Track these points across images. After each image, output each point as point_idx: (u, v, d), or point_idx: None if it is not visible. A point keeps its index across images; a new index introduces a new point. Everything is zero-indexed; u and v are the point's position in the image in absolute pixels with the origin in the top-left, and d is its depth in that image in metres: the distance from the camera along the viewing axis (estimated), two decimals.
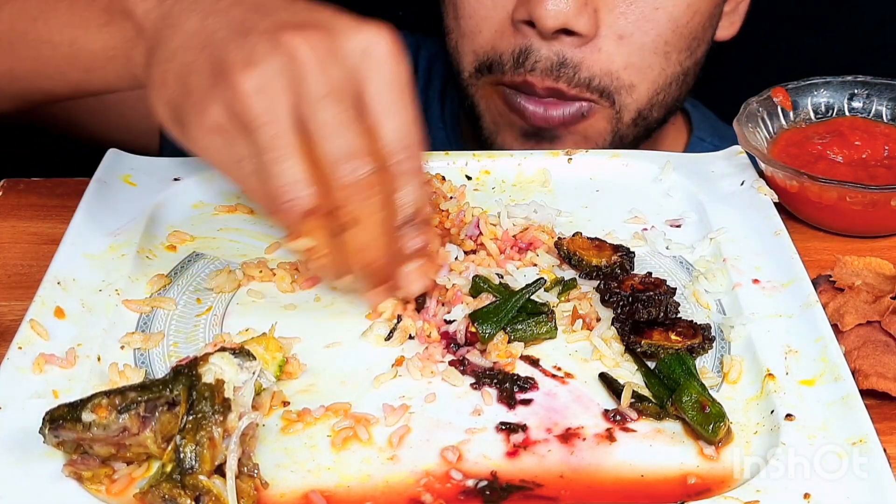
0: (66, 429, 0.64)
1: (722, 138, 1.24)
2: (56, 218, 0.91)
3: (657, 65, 1.05)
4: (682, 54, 1.06)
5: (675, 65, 1.07)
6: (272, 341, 0.73)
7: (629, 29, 1.02)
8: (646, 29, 1.03)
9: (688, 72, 1.09)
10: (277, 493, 0.65)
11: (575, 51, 1.02)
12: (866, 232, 0.92)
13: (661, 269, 0.85)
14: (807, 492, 0.63)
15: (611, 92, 1.04)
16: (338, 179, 0.71)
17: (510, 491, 0.65)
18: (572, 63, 1.02)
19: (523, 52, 1.03)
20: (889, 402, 0.73)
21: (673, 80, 1.08)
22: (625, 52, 1.03)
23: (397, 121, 0.73)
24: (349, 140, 0.71)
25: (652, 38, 1.03)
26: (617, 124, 1.07)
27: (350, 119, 0.72)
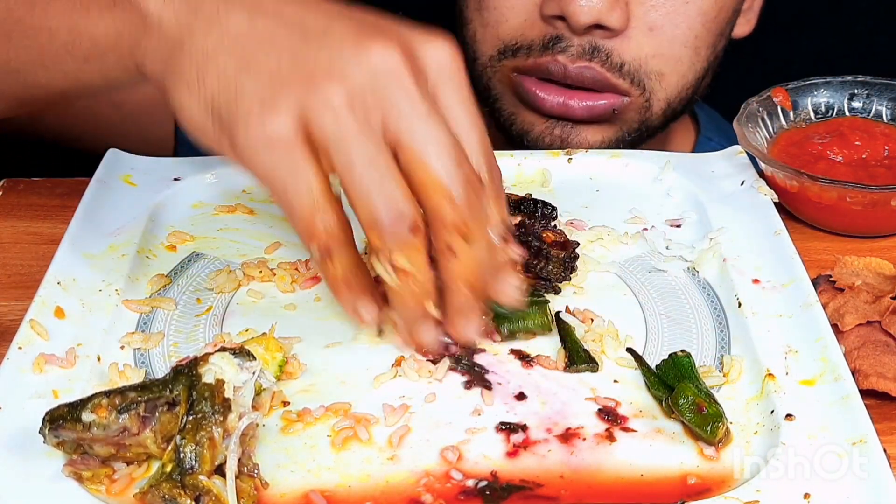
0: (66, 429, 0.64)
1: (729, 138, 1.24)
2: (56, 218, 0.91)
3: (687, 58, 1.05)
4: (709, 49, 1.07)
5: (703, 60, 1.07)
6: (272, 341, 0.73)
7: (660, 21, 1.02)
8: (676, 22, 1.03)
9: (710, 66, 1.09)
10: (277, 493, 0.65)
11: (606, 41, 1.01)
12: (866, 232, 0.92)
13: (661, 268, 0.85)
14: (807, 492, 0.63)
15: (641, 79, 1.03)
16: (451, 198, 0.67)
17: (510, 491, 0.65)
18: (605, 49, 1.02)
19: (553, 38, 1.02)
20: (889, 402, 0.73)
21: (702, 75, 1.08)
22: (655, 43, 1.03)
23: (477, 137, 0.71)
24: (459, 160, 0.68)
25: (683, 31, 1.03)
26: (646, 113, 1.06)
27: (453, 141, 0.68)
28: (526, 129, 1.07)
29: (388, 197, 0.66)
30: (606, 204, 0.93)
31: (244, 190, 0.93)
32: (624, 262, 0.85)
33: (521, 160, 0.96)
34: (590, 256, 0.85)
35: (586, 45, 1.01)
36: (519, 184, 0.95)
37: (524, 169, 0.96)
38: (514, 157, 0.97)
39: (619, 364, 0.75)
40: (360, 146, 0.66)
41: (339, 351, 0.76)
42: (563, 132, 1.05)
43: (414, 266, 0.68)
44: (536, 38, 1.03)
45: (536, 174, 0.96)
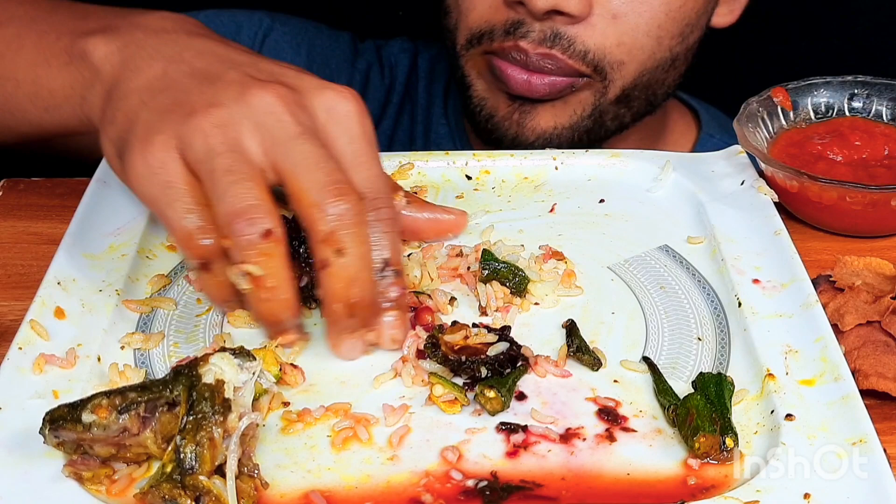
0: (66, 429, 0.64)
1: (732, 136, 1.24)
2: (56, 218, 0.91)
3: (648, 47, 1.06)
4: (673, 39, 1.07)
5: (665, 49, 1.07)
6: (269, 354, 0.73)
7: (623, 9, 1.03)
8: (640, 10, 1.03)
9: (677, 57, 1.09)
10: (277, 493, 0.65)
11: (568, 27, 1.02)
12: (866, 232, 0.92)
13: (661, 269, 0.85)
14: (807, 492, 0.63)
15: (603, 67, 1.04)
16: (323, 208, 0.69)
17: (510, 491, 0.65)
18: (566, 36, 1.02)
19: (514, 24, 1.03)
20: (889, 402, 0.73)
21: (660, 64, 1.08)
22: (618, 31, 1.03)
23: (368, 172, 0.73)
24: (331, 172, 0.70)
25: (646, 20, 1.04)
26: (600, 98, 1.07)
27: (327, 155, 0.71)
28: (492, 113, 1.09)
29: (239, 201, 0.68)
30: (606, 204, 0.92)
31: None
32: (624, 262, 0.85)
33: (521, 160, 0.96)
34: (588, 257, 0.85)
35: (548, 30, 1.02)
36: (519, 184, 0.95)
37: (524, 169, 0.96)
38: (514, 156, 0.97)
39: (619, 364, 0.75)
40: (222, 158, 0.69)
41: None
42: (520, 116, 1.07)
43: (265, 271, 0.70)
44: (499, 23, 1.04)
45: (536, 174, 0.96)
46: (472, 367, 0.72)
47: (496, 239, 0.87)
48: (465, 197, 0.94)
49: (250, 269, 0.69)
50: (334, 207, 0.69)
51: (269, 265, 0.69)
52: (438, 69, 1.30)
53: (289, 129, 0.71)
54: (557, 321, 0.79)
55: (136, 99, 0.74)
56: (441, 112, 1.29)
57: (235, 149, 0.70)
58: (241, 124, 0.70)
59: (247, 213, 0.68)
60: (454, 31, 1.10)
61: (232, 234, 0.69)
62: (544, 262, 0.84)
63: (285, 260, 0.70)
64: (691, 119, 1.29)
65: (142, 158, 0.70)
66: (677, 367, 0.75)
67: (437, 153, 0.97)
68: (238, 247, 0.69)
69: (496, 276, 0.81)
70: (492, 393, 0.71)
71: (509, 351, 0.73)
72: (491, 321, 0.79)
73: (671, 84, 1.13)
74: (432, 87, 1.30)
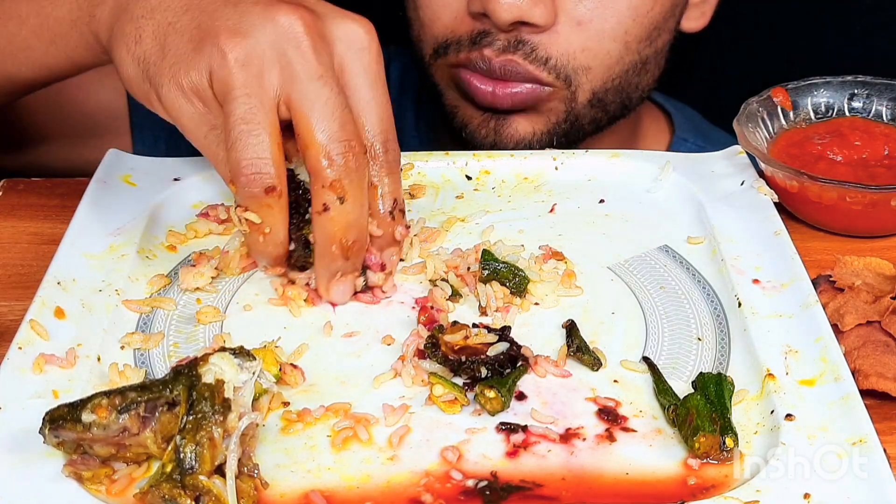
0: (66, 429, 0.64)
1: (706, 139, 1.24)
2: (56, 218, 0.91)
3: (615, 52, 1.05)
4: (641, 43, 1.06)
5: (633, 53, 1.07)
6: (269, 354, 0.73)
7: (588, 15, 1.02)
8: (605, 16, 1.03)
9: (647, 60, 1.09)
10: (277, 493, 0.65)
11: (532, 35, 1.02)
12: (866, 232, 0.92)
13: (661, 269, 0.85)
14: (807, 492, 0.63)
15: (568, 74, 1.04)
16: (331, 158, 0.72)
17: (510, 491, 0.65)
18: (530, 42, 1.02)
19: (480, 34, 1.03)
20: (889, 402, 0.73)
21: (630, 68, 1.07)
22: (583, 37, 1.03)
23: (377, 112, 0.76)
24: (344, 122, 0.73)
25: (612, 25, 1.03)
26: (571, 103, 1.06)
27: (342, 104, 0.73)
28: (465, 122, 1.09)
29: (252, 154, 0.72)
30: (606, 204, 0.93)
31: None
32: (624, 262, 0.85)
33: (521, 160, 0.96)
34: (588, 257, 0.85)
35: (512, 38, 1.02)
36: (519, 184, 0.95)
37: (524, 169, 0.96)
38: (514, 157, 0.97)
39: (619, 364, 0.75)
40: (241, 102, 0.72)
41: (339, 351, 0.76)
42: (496, 124, 1.07)
43: (265, 220, 0.74)
44: (465, 34, 1.04)
45: (536, 174, 0.96)
46: (472, 367, 0.72)
47: (496, 239, 0.87)
48: (464, 197, 0.94)
49: (250, 216, 0.74)
50: (342, 159, 0.73)
51: (269, 216, 0.75)
52: (408, 79, 1.30)
53: (310, 68, 0.72)
54: (557, 321, 0.79)
55: (159, 19, 0.75)
56: (412, 125, 1.29)
57: (253, 90, 0.72)
58: (264, 55, 0.72)
59: (253, 166, 0.72)
60: (419, 42, 1.10)
61: (238, 183, 0.73)
62: (544, 262, 0.84)
63: (285, 212, 0.75)
64: (664, 122, 1.28)
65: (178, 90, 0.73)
66: (677, 367, 0.75)
67: (436, 153, 0.97)
68: (241, 197, 0.74)
69: (496, 276, 0.81)
70: (492, 393, 0.71)
71: (509, 351, 0.73)
72: (491, 321, 0.79)
73: (645, 87, 1.12)
74: (402, 98, 1.30)
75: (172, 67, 0.73)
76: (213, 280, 0.83)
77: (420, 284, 0.82)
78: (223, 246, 0.84)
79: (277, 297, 0.81)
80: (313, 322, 0.79)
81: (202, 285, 0.81)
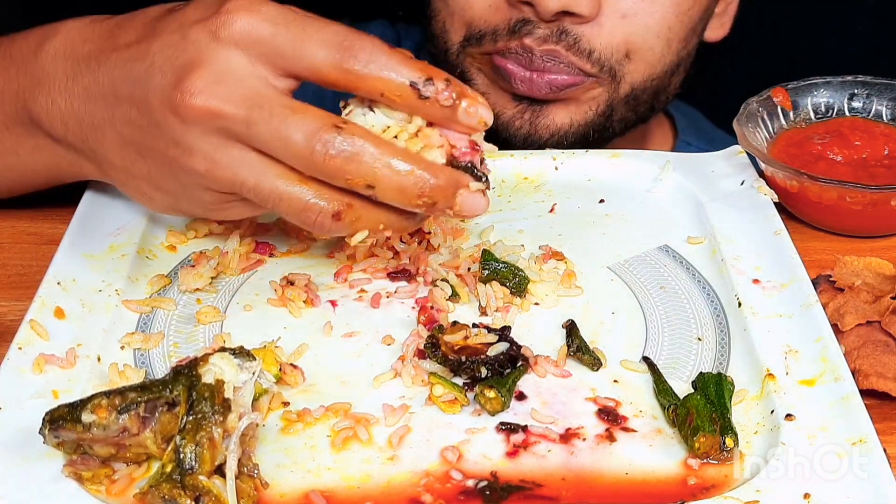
0: (66, 429, 0.64)
1: (709, 141, 1.24)
2: (56, 218, 0.91)
3: (658, 49, 1.04)
4: (680, 43, 1.06)
5: (673, 53, 1.06)
6: (269, 354, 0.73)
7: (633, 9, 1.01)
8: (650, 10, 1.02)
9: (681, 62, 1.09)
10: (277, 493, 0.65)
11: (575, 26, 1.01)
12: (866, 232, 0.92)
13: (661, 269, 0.85)
14: (807, 492, 0.63)
15: (612, 66, 1.03)
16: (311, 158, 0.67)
17: (510, 491, 0.65)
18: (573, 33, 1.01)
19: (520, 22, 1.01)
20: (889, 402, 0.73)
21: (669, 68, 1.07)
22: (626, 31, 1.02)
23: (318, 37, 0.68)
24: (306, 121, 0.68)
25: (656, 20, 1.03)
26: (612, 94, 1.05)
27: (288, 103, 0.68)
28: (497, 112, 1.05)
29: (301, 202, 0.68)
30: (606, 204, 0.92)
31: None
32: (624, 262, 0.85)
33: (521, 160, 0.96)
34: (588, 257, 0.85)
35: (554, 28, 1.00)
36: (519, 184, 0.95)
37: (524, 169, 0.96)
38: (514, 157, 0.97)
39: (619, 364, 0.75)
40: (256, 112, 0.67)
41: (339, 351, 0.76)
42: (532, 115, 1.05)
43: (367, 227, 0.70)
44: (502, 22, 1.02)
45: (536, 174, 0.96)
46: (472, 367, 0.72)
47: (496, 239, 0.87)
48: None
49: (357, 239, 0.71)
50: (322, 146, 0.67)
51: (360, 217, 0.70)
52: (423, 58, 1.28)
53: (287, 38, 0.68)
54: (557, 321, 0.79)
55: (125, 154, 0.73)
56: None
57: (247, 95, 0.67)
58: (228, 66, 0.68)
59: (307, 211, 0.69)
60: (443, 33, 1.08)
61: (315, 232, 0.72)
62: (544, 262, 0.84)
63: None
64: (668, 126, 1.28)
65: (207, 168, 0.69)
66: (677, 367, 0.75)
67: None
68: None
69: (496, 276, 0.81)
70: (492, 393, 0.71)
71: (509, 351, 0.73)
72: (491, 321, 0.79)
73: (672, 91, 1.12)
74: None
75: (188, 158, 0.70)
76: (213, 280, 0.83)
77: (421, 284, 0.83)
78: (223, 246, 0.84)
79: (277, 297, 0.81)
80: (313, 322, 0.79)
81: (202, 286, 0.81)
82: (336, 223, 0.69)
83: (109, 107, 0.73)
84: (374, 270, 0.84)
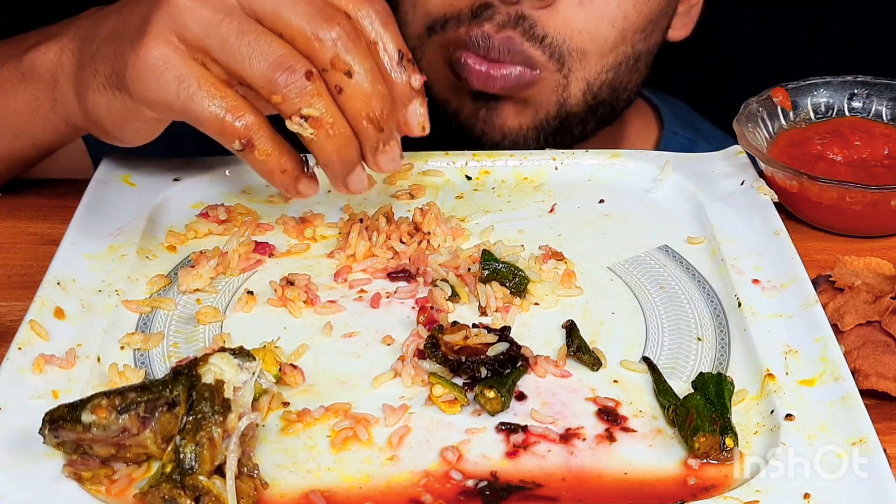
0: (65, 429, 0.64)
1: (696, 131, 1.23)
2: (56, 218, 0.91)
3: (612, 38, 1.04)
4: (637, 35, 1.06)
5: (628, 45, 1.06)
6: (269, 354, 0.73)
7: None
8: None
9: (639, 56, 1.08)
10: (277, 493, 0.65)
11: (533, 11, 1.01)
12: (866, 232, 0.92)
13: (661, 269, 0.85)
14: (807, 492, 0.63)
15: (562, 54, 1.03)
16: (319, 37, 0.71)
17: (510, 491, 0.65)
18: (531, 18, 1.01)
19: (481, 6, 1.01)
20: (889, 402, 0.73)
21: (623, 61, 1.07)
22: (582, 18, 1.02)
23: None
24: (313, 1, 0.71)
25: (612, 10, 1.03)
26: (563, 94, 1.05)
27: None
28: (456, 112, 1.07)
29: (270, 55, 0.70)
30: (605, 204, 0.93)
31: (244, 190, 0.93)
32: (624, 262, 0.85)
33: (521, 160, 0.96)
34: (588, 257, 0.85)
35: (513, 12, 1.01)
36: (519, 184, 0.95)
37: (524, 169, 0.96)
38: (514, 156, 0.97)
39: (619, 364, 0.75)
40: (226, 25, 0.70)
41: (338, 351, 0.76)
42: (486, 113, 1.06)
43: (323, 110, 0.72)
44: (465, 6, 1.02)
45: (536, 174, 0.96)
46: (472, 367, 0.72)
47: (496, 239, 0.87)
48: (465, 197, 0.94)
49: (309, 112, 0.72)
50: (328, 34, 0.71)
51: (322, 104, 0.72)
52: None
53: None
54: (557, 321, 0.79)
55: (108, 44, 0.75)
56: None
57: (230, 10, 0.71)
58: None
59: (283, 62, 0.70)
60: (407, 24, 1.08)
61: (278, 87, 0.71)
62: (544, 262, 0.84)
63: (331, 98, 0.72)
64: (652, 116, 1.28)
65: (143, 64, 0.71)
66: (677, 367, 0.75)
67: (436, 153, 0.97)
68: (289, 97, 0.71)
69: (496, 276, 0.81)
70: (492, 393, 0.71)
71: (509, 351, 0.73)
72: (491, 321, 0.79)
73: (633, 89, 1.12)
74: None
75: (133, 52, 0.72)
76: (213, 280, 0.83)
77: (420, 284, 0.83)
78: (223, 246, 0.84)
79: (277, 297, 0.81)
80: (313, 322, 0.79)
81: (202, 286, 0.81)
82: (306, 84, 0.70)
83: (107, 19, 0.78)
84: (374, 270, 0.84)
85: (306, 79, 0.71)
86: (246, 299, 0.80)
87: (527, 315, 0.80)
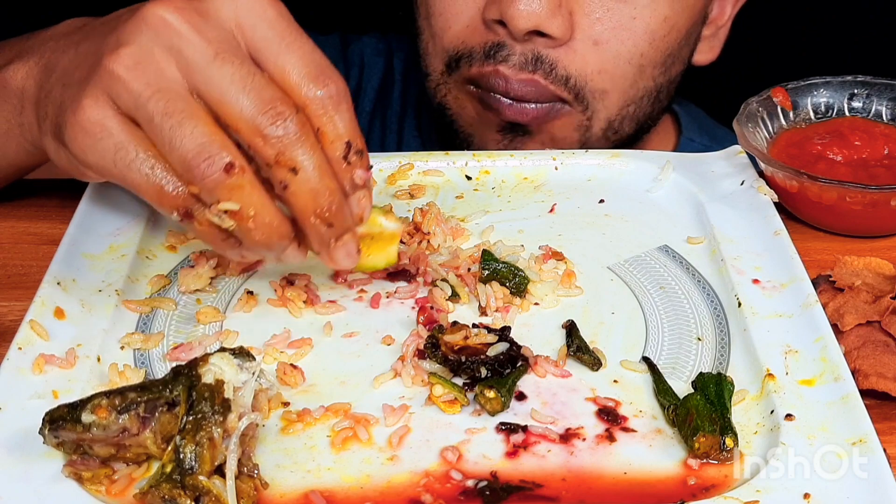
0: (65, 429, 0.64)
1: (712, 137, 1.24)
2: (56, 218, 0.91)
3: (630, 75, 1.04)
4: (656, 69, 1.06)
5: (648, 79, 1.06)
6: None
7: (605, 35, 1.02)
8: (622, 38, 1.02)
9: (661, 88, 1.09)
10: (277, 493, 0.65)
11: (549, 50, 1.01)
12: (866, 232, 0.92)
13: (661, 269, 0.85)
14: (807, 492, 0.63)
15: (585, 95, 1.03)
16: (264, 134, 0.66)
17: (510, 491, 0.65)
18: (548, 59, 1.01)
19: (495, 46, 1.01)
20: (889, 402, 0.73)
21: (645, 95, 1.07)
22: (599, 59, 1.02)
23: (296, 54, 0.68)
24: (261, 91, 0.67)
25: (628, 48, 1.03)
26: (585, 133, 1.06)
27: (251, 72, 0.67)
28: (480, 147, 1.07)
29: (190, 142, 0.66)
30: (606, 204, 0.93)
31: None
32: (624, 262, 0.85)
33: (521, 160, 0.96)
34: (588, 257, 0.85)
35: (529, 54, 1.01)
36: (519, 184, 0.95)
37: (524, 169, 0.96)
38: (514, 157, 0.97)
39: (619, 364, 0.75)
40: (153, 104, 0.66)
41: (339, 351, 0.76)
42: (511, 144, 1.06)
43: (243, 203, 0.67)
44: (478, 44, 1.02)
45: (536, 174, 0.96)
46: (472, 367, 0.72)
47: (496, 239, 0.87)
48: (464, 197, 0.94)
49: (226, 206, 0.67)
50: (273, 129, 0.67)
51: (243, 196, 0.67)
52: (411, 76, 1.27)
53: (202, 51, 0.67)
54: (557, 321, 0.79)
55: (57, 87, 0.73)
56: (413, 125, 1.27)
57: (160, 87, 0.67)
58: (152, 54, 0.67)
59: (201, 153, 0.66)
60: (429, 55, 1.08)
61: (195, 178, 0.66)
62: (544, 262, 0.84)
63: (257, 185, 0.68)
64: (671, 123, 1.28)
65: (80, 128, 0.68)
66: (677, 367, 0.75)
67: (436, 153, 0.97)
68: (206, 189, 0.67)
69: (496, 276, 0.81)
70: (492, 393, 0.71)
71: (509, 351, 0.73)
72: (491, 321, 0.79)
73: (656, 114, 1.12)
74: (407, 93, 1.27)
75: (71, 112, 0.68)
76: (213, 280, 0.83)
77: (420, 284, 0.83)
78: None
79: (277, 297, 0.81)
80: (313, 322, 0.79)
81: (201, 286, 0.81)
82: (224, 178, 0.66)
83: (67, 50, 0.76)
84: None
85: (225, 171, 0.66)
86: (246, 299, 0.81)
87: (527, 315, 0.80)
